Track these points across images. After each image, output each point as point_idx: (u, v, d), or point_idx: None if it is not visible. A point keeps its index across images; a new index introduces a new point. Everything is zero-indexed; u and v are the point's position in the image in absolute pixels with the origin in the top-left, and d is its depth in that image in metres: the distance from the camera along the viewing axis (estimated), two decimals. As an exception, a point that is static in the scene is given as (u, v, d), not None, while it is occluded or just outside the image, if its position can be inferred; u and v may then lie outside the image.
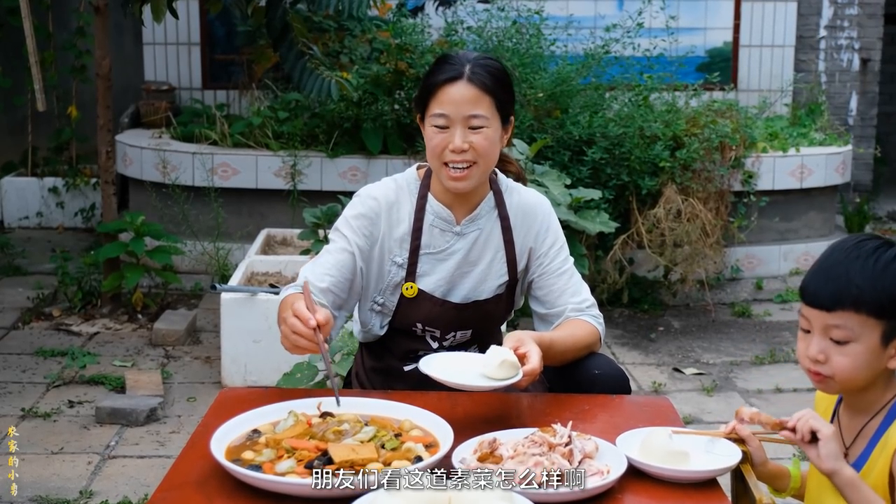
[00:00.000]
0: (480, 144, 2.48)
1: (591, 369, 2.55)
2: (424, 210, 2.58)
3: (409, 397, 2.40)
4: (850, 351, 1.98)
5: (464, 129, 2.47)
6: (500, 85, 2.51)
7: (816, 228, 6.62)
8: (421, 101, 2.53)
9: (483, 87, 2.47)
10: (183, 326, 5.15)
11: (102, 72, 5.38)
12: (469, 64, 2.48)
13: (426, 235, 2.57)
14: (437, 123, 2.48)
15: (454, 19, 6.37)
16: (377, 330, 2.63)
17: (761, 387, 4.76)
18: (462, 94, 2.46)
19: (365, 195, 2.60)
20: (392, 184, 2.62)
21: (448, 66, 2.48)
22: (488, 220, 2.61)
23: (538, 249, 2.64)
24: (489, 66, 2.49)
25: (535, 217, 2.64)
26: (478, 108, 2.47)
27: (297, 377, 3.91)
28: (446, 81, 2.46)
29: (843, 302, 1.96)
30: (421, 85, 2.56)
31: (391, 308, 2.59)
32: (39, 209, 7.37)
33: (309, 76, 5.31)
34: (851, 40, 7.92)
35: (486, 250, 2.61)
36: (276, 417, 2.20)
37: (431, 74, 2.51)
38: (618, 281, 5.66)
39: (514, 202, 2.64)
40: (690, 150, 5.70)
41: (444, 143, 2.48)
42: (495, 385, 2.26)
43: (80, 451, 3.88)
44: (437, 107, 2.48)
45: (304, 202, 6.00)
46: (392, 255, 2.58)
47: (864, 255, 1.97)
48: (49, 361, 4.82)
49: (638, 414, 2.41)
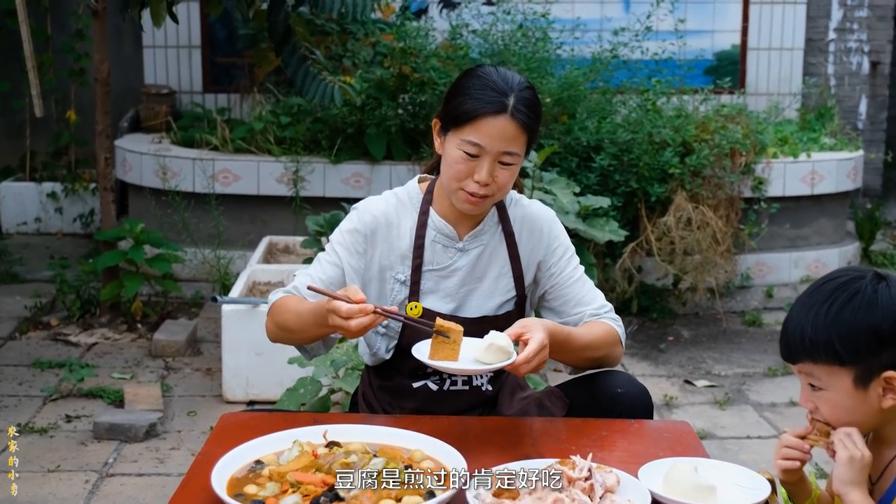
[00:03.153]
0: (505, 180, 2.39)
1: (614, 387, 2.46)
2: (426, 226, 2.48)
3: (419, 422, 2.30)
4: (827, 398, 1.92)
5: (493, 162, 2.35)
6: (537, 120, 2.41)
7: (827, 235, 6.51)
8: (453, 119, 2.38)
9: (523, 126, 2.35)
10: (183, 337, 5.04)
11: (101, 76, 5.28)
12: (513, 96, 2.34)
13: (428, 252, 2.48)
14: (468, 151, 2.35)
15: (459, 22, 6.27)
16: (383, 353, 2.53)
17: (775, 400, 4.65)
18: (502, 129, 2.33)
19: (363, 210, 2.50)
20: (393, 199, 2.52)
21: (492, 95, 2.33)
22: (492, 235, 2.52)
23: (547, 262, 2.54)
24: (531, 101, 2.38)
25: (540, 230, 2.54)
26: (513, 145, 2.36)
27: (300, 392, 3.80)
28: (489, 113, 2.33)
29: (799, 354, 1.92)
30: (455, 99, 2.38)
31: (397, 330, 2.49)
32: (38, 215, 7.27)
33: (312, 81, 5.20)
34: (861, 43, 7.81)
35: (491, 266, 2.51)
36: (279, 447, 2.10)
37: (471, 96, 2.34)
38: (627, 290, 5.55)
39: (519, 216, 2.54)
40: (700, 156, 5.59)
41: (468, 171, 2.37)
42: (481, 368, 2.22)
43: (77, 469, 3.78)
44: (472, 134, 2.34)
45: (307, 209, 5.89)
46: (394, 273, 2.48)
47: (818, 302, 1.90)
48: (46, 373, 4.72)
49: (659, 441, 2.31)
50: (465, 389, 2.54)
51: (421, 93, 5.90)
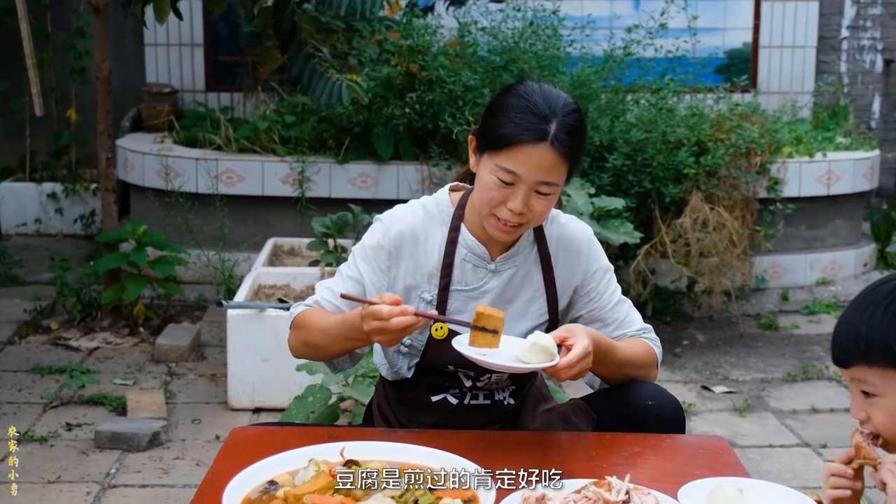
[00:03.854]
0: (541, 209, 2.22)
1: (644, 400, 2.32)
2: (457, 243, 2.32)
3: (441, 438, 2.18)
4: (881, 406, 1.81)
5: (529, 191, 2.18)
6: (580, 146, 2.23)
7: (843, 237, 6.39)
8: (489, 142, 2.20)
9: (564, 156, 2.18)
10: (187, 342, 4.92)
11: (102, 75, 5.15)
12: (555, 122, 2.15)
13: (457, 271, 2.32)
14: (503, 178, 2.18)
15: (467, 19, 6.14)
16: (405, 372, 2.40)
17: (796, 406, 4.52)
18: (541, 159, 2.16)
19: (389, 223, 2.33)
20: (421, 211, 2.35)
21: (532, 120, 2.15)
22: (526, 257, 2.35)
23: (585, 286, 2.38)
24: (575, 128, 2.19)
25: (578, 251, 2.37)
26: (553, 175, 2.18)
27: (308, 400, 3.70)
28: (528, 141, 2.15)
29: (853, 357, 1.80)
30: (492, 119, 2.21)
31: (419, 348, 2.35)
32: (38, 215, 7.15)
33: (318, 79, 5.07)
34: (874, 41, 7.69)
35: (524, 289, 2.36)
36: (294, 465, 1.98)
37: (510, 119, 2.16)
38: (642, 293, 5.42)
39: (556, 236, 2.37)
40: (716, 155, 5.46)
41: (502, 198, 2.20)
42: (521, 366, 2.10)
43: (78, 480, 3.65)
44: (508, 161, 2.16)
45: (313, 210, 5.77)
46: (420, 292, 2.32)
47: (874, 303, 1.79)
48: (46, 379, 4.59)
49: (694, 458, 2.19)
50: (486, 404, 2.41)
51: (429, 91, 5.77)
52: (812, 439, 4.16)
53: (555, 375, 2.13)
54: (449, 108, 5.59)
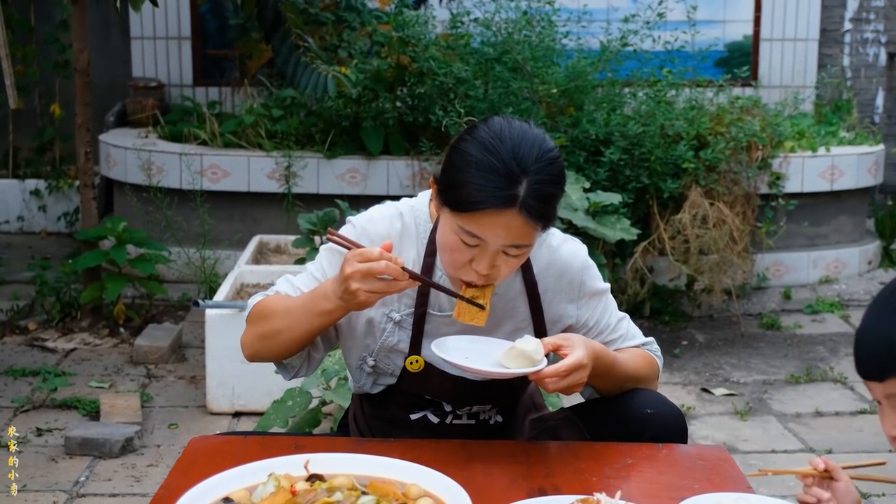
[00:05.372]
0: (510, 269, 1.97)
1: (642, 408, 2.13)
2: (434, 268, 2.09)
3: (417, 449, 2.01)
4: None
5: (496, 254, 1.93)
6: (556, 200, 1.94)
7: (847, 234, 6.21)
8: (449, 200, 1.93)
9: (536, 219, 1.90)
10: (167, 343, 4.74)
11: (81, 66, 4.97)
12: (525, 182, 1.87)
13: (432, 294, 2.09)
14: (467, 241, 1.92)
15: (460, 10, 5.96)
16: (369, 388, 2.20)
17: (800, 410, 4.35)
18: (508, 225, 1.89)
19: (360, 230, 2.09)
20: (398, 222, 2.11)
21: (498, 183, 1.86)
22: (509, 285, 2.11)
23: (581, 319, 2.16)
24: (547, 191, 1.90)
25: (570, 283, 2.14)
26: (522, 239, 1.92)
27: (288, 405, 3.52)
28: (493, 208, 1.87)
29: (888, 368, 1.61)
30: (454, 174, 1.92)
31: (387, 371, 2.15)
32: (20, 213, 6.96)
33: (304, 70, 4.89)
34: (878, 34, 7.51)
35: (507, 320, 2.12)
36: (253, 480, 1.80)
37: (473, 180, 1.87)
38: (639, 292, 5.24)
39: (544, 262, 2.13)
40: (716, 149, 5.28)
41: (465, 258, 1.94)
42: (501, 371, 1.93)
43: (44, 489, 3.47)
44: (472, 225, 1.90)
45: (300, 206, 5.59)
46: (388, 311, 2.10)
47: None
48: (19, 382, 4.41)
49: (693, 470, 2.01)
50: (470, 423, 2.21)
51: (420, 84, 5.60)
52: (817, 444, 3.98)
53: (540, 384, 1.94)
54: (440, 102, 5.42)
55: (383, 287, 1.89)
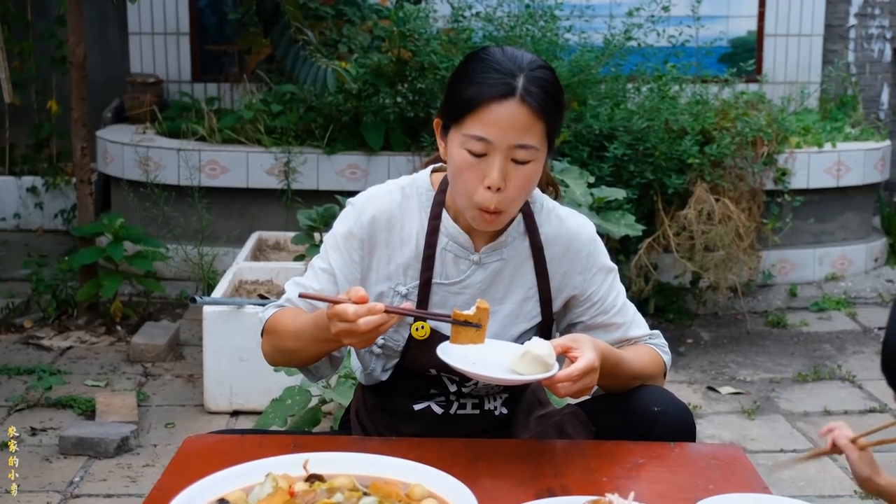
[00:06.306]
0: (522, 184, 1.95)
1: (650, 406, 2.06)
2: (438, 233, 2.06)
3: (420, 448, 1.93)
4: None
5: (506, 160, 1.92)
6: (556, 105, 1.96)
7: (853, 230, 6.14)
8: (452, 112, 1.96)
9: (538, 111, 1.91)
10: (164, 341, 4.67)
11: (76, 60, 4.90)
12: (522, 76, 1.91)
13: (438, 262, 2.06)
14: (474, 149, 1.92)
15: (461, 4, 5.89)
16: (379, 374, 2.15)
17: (807, 408, 4.27)
18: (511, 117, 1.90)
19: (361, 208, 2.07)
20: (398, 194, 2.09)
21: (496, 76, 1.92)
22: (516, 249, 2.09)
23: (586, 291, 2.12)
24: (545, 81, 1.94)
25: (577, 252, 2.11)
26: (528, 136, 1.92)
27: (287, 403, 3.45)
28: (493, 98, 1.90)
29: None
30: (453, 88, 1.98)
31: (395, 349, 2.10)
32: (17, 210, 6.90)
33: (303, 64, 4.82)
34: (883, 29, 7.43)
35: (515, 287, 2.09)
36: (250, 480, 1.73)
37: (471, 81, 1.93)
38: (643, 289, 5.17)
39: (552, 232, 2.11)
40: (721, 145, 5.21)
41: (477, 177, 1.93)
42: (513, 378, 1.87)
43: (38, 489, 3.39)
44: (476, 126, 1.91)
45: (299, 202, 5.52)
46: (394, 285, 2.07)
47: None
48: (14, 381, 4.34)
49: (706, 470, 1.94)
50: (474, 413, 2.15)
51: (421, 79, 5.53)
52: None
53: (552, 389, 1.88)
54: (441, 96, 5.33)
55: (372, 334, 1.84)
